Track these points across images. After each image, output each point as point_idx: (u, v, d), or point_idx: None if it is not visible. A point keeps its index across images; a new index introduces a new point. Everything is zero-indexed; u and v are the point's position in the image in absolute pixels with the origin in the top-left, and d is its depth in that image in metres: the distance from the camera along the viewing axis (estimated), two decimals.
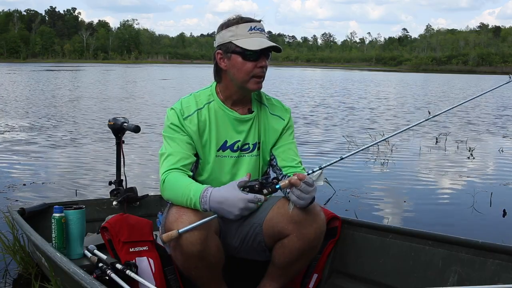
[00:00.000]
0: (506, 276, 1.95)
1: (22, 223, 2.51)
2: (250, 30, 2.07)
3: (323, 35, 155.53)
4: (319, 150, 7.33)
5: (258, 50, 2.05)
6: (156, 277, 2.19)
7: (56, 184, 4.96)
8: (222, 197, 1.91)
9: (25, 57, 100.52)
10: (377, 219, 4.09)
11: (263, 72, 2.12)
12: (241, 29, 2.07)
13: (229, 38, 2.09)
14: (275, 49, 2.10)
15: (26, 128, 9.03)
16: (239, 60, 2.09)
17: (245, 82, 2.12)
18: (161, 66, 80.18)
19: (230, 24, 2.10)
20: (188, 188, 1.98)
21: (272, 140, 2.27)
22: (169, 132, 2.16)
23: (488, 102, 18.00)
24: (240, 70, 2.10)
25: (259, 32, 2.09)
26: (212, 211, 1.94)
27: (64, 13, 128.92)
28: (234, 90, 2.17)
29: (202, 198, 1.93)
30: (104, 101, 15.09)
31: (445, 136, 8.48)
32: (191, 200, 1.96)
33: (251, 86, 2.13)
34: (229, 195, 1.90)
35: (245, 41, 2.06)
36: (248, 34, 2.07)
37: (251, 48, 2.05)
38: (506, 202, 4.64)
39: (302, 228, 2.09)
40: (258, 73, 2.10)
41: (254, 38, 2.07)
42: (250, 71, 2.10)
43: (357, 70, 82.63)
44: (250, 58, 2.08)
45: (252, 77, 2.11)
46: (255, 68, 2.09)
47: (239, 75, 2.11)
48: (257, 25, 2.09)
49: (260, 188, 1.94)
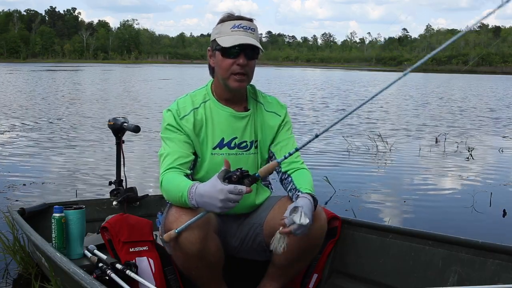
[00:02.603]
0: (506, 276, 1.95)
1: (22, 223, 2.51)
2: (232, 27, 2.08)
3: (323, 35, 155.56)
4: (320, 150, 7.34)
5: (230, 46, 2.05)
6: (156, 277, 2.19)
7: (56, 184, 4.96)
8: (204, 191, 1.88)
9: (25, 57, 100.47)
10: (377, 219, 4.09)
11: (243, 70, 2.10)
12: (225, 26, 2.09)
13: (214, 36, 2.13)
14: (258, 48, 2.08)
15: (26, 128, 9.03)
16: (220, 57, 2.11)
17: (226, 79, 2.13)
18: (161, 66, 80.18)
19: (219, 21, 2.13)
20: (180, 186, 1.98)
21: (270, 138, 2.27)
22: (166, 133, 2.16)
23: (487, 102, 18.02)
24: (220, 67, 2.13)
25: (243, 30, 2.08)
26: (198, 206, 1.92)
27: (64, 13, 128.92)
28: (222, 88, 2.19)
29: (190, 193, 1.92)
30: (104, 101, 15.09)
31: (444, 136, 8.48)
32: (181, 197, 1.95)
33: (231, 84, 2.13)
34: (209, 188, 1.86)
35: (224, 38, 2.08)
36: (229, 32, 2.08)
37: (225, 45, 2.06)
38: (506, 202, 4.64)
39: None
40: (236, 70, 2.10)
41: (233, 36, 2.06)
42: (228, 68, 2.10)
43: (357, 70, 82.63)
44: (229, 56, 2.08)
45: (231, 74, 2.11)
46: (233, 65, 2.09)
47: (220, 72, 2.14)
48: (242, 23, 2.08)
49: (239, 178, 1.88)
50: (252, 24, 2.11)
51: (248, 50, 2.09)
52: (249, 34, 2.09)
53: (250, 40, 2.07)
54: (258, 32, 2.14)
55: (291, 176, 2.19)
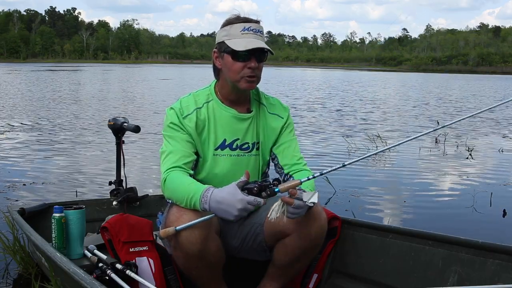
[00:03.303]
0: (506, 276, 1.95)
1: (22, 223, 2.51)
2: (243, 30, 2.07)
3: (323, 35, 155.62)
4: (317, 152, 7.35)
5: (243, 50, 2.05)
6: (156, 277, 2.19)
7: (56, 184, 4.96)
8: (222, 197, 1.89)
9: (25, 57, 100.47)
10: (377, 219, 4.09)
11: (253, 72, 2.11)
12: (234, 29, 2.08)
13: (222, 38, 2.11)
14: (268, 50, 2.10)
15: (26, 128, 9.03)
16: (230, 60, 2.10)
17: (236, 81, 2.13)
18: (161, 66, 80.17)
19: (227, 23, 2.12)
20: (189, 187, 1.98)
21: (272, 140, 2.27)
22: (169, 131, 2.16)
23: (487, 102, 18.01)
24: (230, 70, 2.12)
25: (253, 33, 2.08)
26: (211, 211, 1.93)
27: (64, 13, 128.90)
28: (229, 89, 2.19)
29: (203, 197, 1.93)
30: (104, 101, 15.09)
31: (444, 136, 8.47)
32: (191, 199, 1.95)
33: (242, 85, 2.13)
34: (228, 196, 1.88)
35: (235, 41, 2.07)
36: (240, 34, 2.07)
37: (238, 48, 2.06)
38: (506, 202, 4.64)
39: (303, 227, 2.10)
40: (247, 73, 2.11)
41: (245, 39, 2.07)
42: (239, 71, 2.10)
43: (357, 70, 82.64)
44: (239, 59, 2.08)
45: (242, 77, 2.11)
46: (244, 68, 2.10)
47: (230, 75, 2.13)
48: (252, 25, 2.09)
49: (259, 190, 1.91)
50: (260, 27, 2.12)
51: (258, 53, 2.09)
52: (259, 37, 2.10)
53: (262, 44, 2.08)
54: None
55: (293, 176, 2.20)
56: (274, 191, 1.92)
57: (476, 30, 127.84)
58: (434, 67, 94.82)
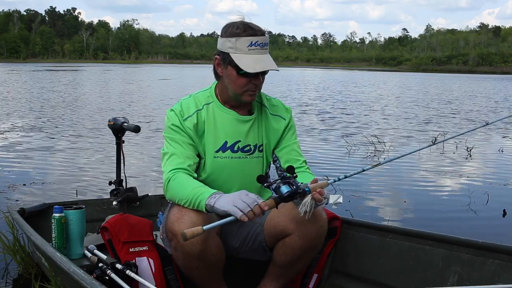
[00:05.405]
0: (506, 276, 1.95)
1: (22, 223, 2.51)
2: (250, 45, 2.05)
3: (323, 35, 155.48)
4: (317, 153, 7.34)
5: (252, 73, 2.05)
6: (156, 277, 2.19)
7: (56, 184, 4.96)
8: (231, 194, 1.92)
9: (25, 57, 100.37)
10: (377, 219, 4.09)
11: (257, 87, 2.13)
12: (241, 43, 2.05)
13: (227, 49, 2.08)
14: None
15: (26, 128, 9.03)
16: (234, 74, 2.09)
17: (239, 94, 2.13)
18: (161, 66, 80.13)
19: (232, 34, 2.07)
20: (197, 189, 1.99)
21: (274, 141, 2.27)
22: (170, 132, 2.16)
23: (487, 102, 18.01)
24: (233, 83, 2.12)
25: (259, 48, 2.06)
26: (217, 206, 1.91)
27: (64, 13, 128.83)
28: (229, 96, 2.19)
29: (211, 198, 1.94)
30: (104, 101, 15.09)
31: (443, 136, 8.46)
32: (197, 198, 1.96)
33: (244, 98, 2.15)
34: (237, 193, 1.92)
35: (243, 59, 2.05)
36: (247, 50, 2.05)
37: (247, 70, 2.04)
38: (505, 202, 4.64)
39: (304, 227, 2.10)
40: (251, 88, 2.11)
41: (252, 56, 2.05)
42: (243, 86, 2.11)
43: (357, 70, 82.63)
44: (245, 76, 2.08)
45: (246, 91, 2.12)
46: (249, 83, 2.10)
47: (233, 87, 2.13)
48: (259, 39, 2.06)
49: (293, 195, 1.89)
50: (266, 38, 2.10)
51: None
52: (265, 51, 2.08)
53: (269, 64, 2.07)
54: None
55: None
56: (305, 191, 1.91)
57: (476, 30, 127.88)
58: (434, 67, 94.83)
